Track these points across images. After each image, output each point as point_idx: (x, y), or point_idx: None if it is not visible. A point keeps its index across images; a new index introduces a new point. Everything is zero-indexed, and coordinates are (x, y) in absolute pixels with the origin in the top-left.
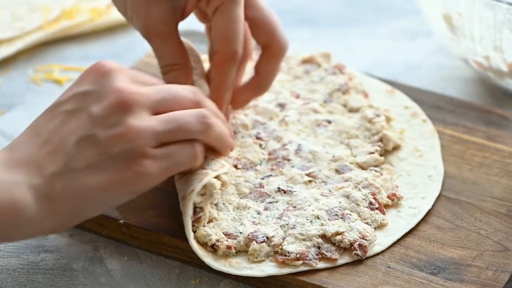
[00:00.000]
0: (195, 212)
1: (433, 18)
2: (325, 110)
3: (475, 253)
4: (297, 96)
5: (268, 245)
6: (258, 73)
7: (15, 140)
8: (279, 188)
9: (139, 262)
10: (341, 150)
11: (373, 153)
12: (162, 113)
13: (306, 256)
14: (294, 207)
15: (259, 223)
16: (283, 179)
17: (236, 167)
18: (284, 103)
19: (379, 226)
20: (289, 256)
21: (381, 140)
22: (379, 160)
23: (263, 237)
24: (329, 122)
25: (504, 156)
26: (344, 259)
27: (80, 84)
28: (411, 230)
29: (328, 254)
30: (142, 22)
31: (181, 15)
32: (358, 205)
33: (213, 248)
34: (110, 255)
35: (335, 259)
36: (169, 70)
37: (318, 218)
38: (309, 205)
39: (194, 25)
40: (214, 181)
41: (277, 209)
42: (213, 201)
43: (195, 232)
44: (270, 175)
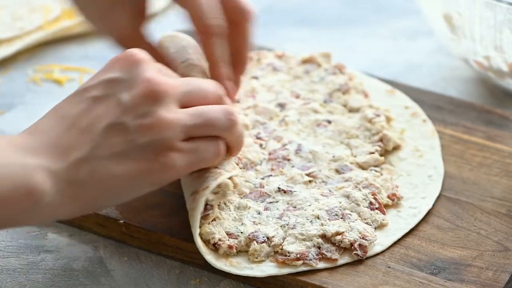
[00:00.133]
0: (205, 209)
1: (433, 18)
2: (325, 110)
3: (475, 253)
4: (297, 96)
5: (269, 245)
6: (232, 52)
7: (38, 123)
8: (279, 188)
9: (139, 262)
10: (341, 150)
11: (373, 153)
12: (188, 105)
13: (306, 256)
14: (294, 207)
15: (259, 223)
16: (283, 179)
17: None
18: (284, 103)
19: (379, 226)
20: (289, 256)
21: (381, 140)
22: (379, 160)
23: (263, 237)
24: (329, 122)
25: (504, 156)
26: (344, 259)
27: (108, 71)
28: (411, 230)
29: (328, 254)
30: (110, 32)
31: (140, 16)
32: (358, 205)
33: (214, 247)
34: (110, 255)
35: (335, 259)
36: None
37: (318, 218)
38: (309, 205)
39: None
40: (229, 182)
41: (277, 209)
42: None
43: (200, 228)
44: (270, 175)
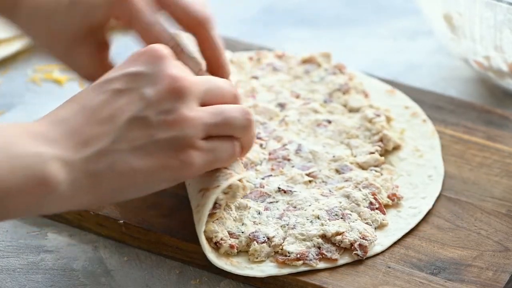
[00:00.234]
0: (213, 207)
1: (433, 18)
2: (325, 110)
3: (476, 253)
4: (297, 96)
5: (269, 246)
6: (207, 60)
7: (57, 112)
8: (279, 188)
9: (139, 262)
10: (341, 150)
11: (373, 153)
12: (207, 103)
13: (306, 256)
14: (294, 207)
15: (259, 223)
16: (283, 179)
17: None
18: (284, 103)
19: (379, 226)
20: (289, 256)
21: (381, 140)
22: (379, 160)
23: (263, 237)
24: (329, 122)
25: (505, 156)
26: (344, 259)
27: (131, 64)
28: (411, 230)
29: (329, 254)
30: (74, 69)
31: (102, 48)
32: (358, 205)
33: (216, 245)
34: (110, 255)
35: (336, 259)
36: None
37: (318, 218)
38: (309, 205)
39: None
40: (240, 184)
41: (277, 209)
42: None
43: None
44: (270, 175)
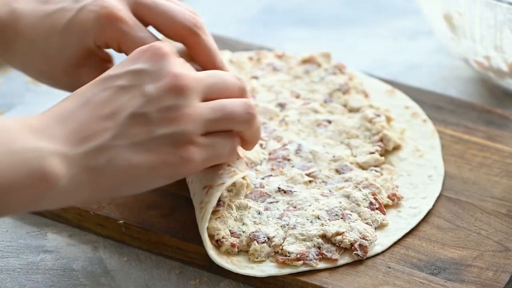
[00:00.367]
0: (217, 204)
1: (434, 18)
2: (325, 110)
3: (476, 253)
4: (297, 96)
5: (269, 246)
6: (203, 67)
7: (59, 106)
8: (279, 188)
9: (139, 262)
10: (341, 150)
11: (373, 153)
12: (211, 98)
13: (307, 256)
14: (295, 207)
15: (259, 223)
16: (283, 179)
17: None
18: (284, 103)
19: (380, 226)
20: (289, 256)
21: (381, 140)
22: (379, 160)
23: (264, 237)
24: (329, 122)
25: (505, 156)
26: (344, 259)
27: (135, 61)
28: (412, 230)
29: (329, 254)
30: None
31: (105, 66)
32: (358, 205)
33: (217, 243)
34: (109, 256)
35: (336, 259)
36: None
37: (319, 218)
38: (310, 205)
39: None
40: (244, 182)
41: (277, 209)
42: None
43: None
44: (271, 175)
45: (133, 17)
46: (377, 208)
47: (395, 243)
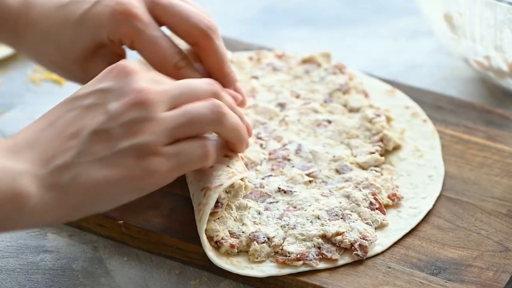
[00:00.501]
0: (215, 206)
1: (434, 17)
2: (325, 110)
3: (476, 254)
4: (297, 96)
5: (269, 246)
6: (211, 71)
7: (25, 129)
8: (279, 188)
9: (139, 262)
10: (341, 150)
11: (373, 153)
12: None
13: (307, 256)
14: (295, 207)
15: (259, 223)
16: (284, 179)
17: None
18: (284, 103)
19: (380, 226)
20: (289, 256)
21: (381, 140)
22: (379, 160)
23: (264, 237)
24: (329, 122)
25: (505, 156)
26: (344, 259)
27: (100, 81)
28: (412, 230)
29: (329, 255)
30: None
31: (118, 58)
32: (358, 205)
33: (216, 244)
34: (109, 256)
35: (336, 260)
36: None
37: (319, 218)
38: (310, 205)
39: None
40: (243, 184)
41: (277, 209)
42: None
43: None
44: (271, 175)
45: (149, 15)
46: (377, 208)
47: (395, 243)
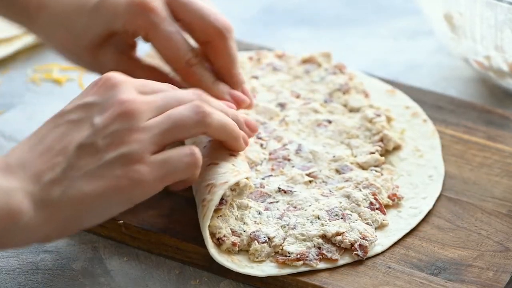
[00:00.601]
0: (220, 203)
1: (434, 17)
2: (325, 110)
3: (476, 254)
4: (298, 96)
5: (269, 246)
6: (220, 71)
7: (16, 147)
8: (279, 188)
9: (139, 262)
10: (342, 150)
11: (373, 153)
12: None
13: (307, 256)
14: (295, 207)
15: (260, 223)
16: (284, 179)
17: None
18: (284, 103)
19: (380, 226)
20: (289, 256)
21: (381, 140)
22: (379, 160)
23: (264, 237)
24: (330, 122)
25: (505, 156)
26: (344, 259)
27: (85, 95)
28: (412, 230)
29: (329, 255)
30: (103, 73)
31: (130, 48)
32: (358, 205)
33: (218, 241)
34: (109, 256)
35: (336, 260)
36: None
37: (319, 218)
38: (310, 205)
39: None
40: (248, 183)
41: (277, 209)
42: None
43: None
44: (271, 175)
45: (166, 9)
46: (377, 208)
47: (395, 243)
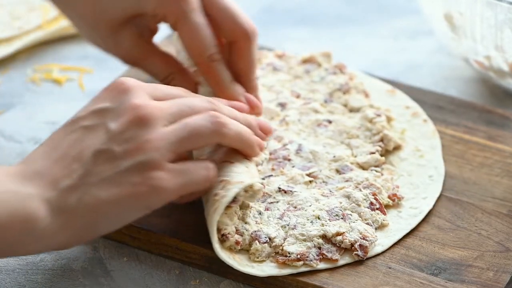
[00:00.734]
0: (232, 201)
1: (434, 17)
2: (325, 110)
3: (476, 254)
4: (298, 96)
5: (270, 246)
6: (237, 75)
7: (31, 154)
8: (279, 188)
9: (139, 262)
10: (342, 150)
11: (373, 153)
12: None
13: (307, 256)
14: (295, 207)
15: (260, 223)
16: (284, 179)
17: None
18: (284, 103)
19: (380, 227)
20: (289, 256)
21: (381, 140)
22: (379, 160)
23: (265, 237)
24: (330, 122)
25: (505, 156)
26: (344, 259)
27: (99, 101)
28: (412, 230)
29: (329, 255)
30: (116, 54)
31: (150, 33)
32: (358, 205)
33: (222, 238)
34: (109, 256)
35: (336, 260)
36: (167, 83)
37: (319, 219)
38: (310, 205)
39: None
40: (261, 186)
41: (278, 209)
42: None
43: None
44: (271, 175)
45: (198, 1)
46: (377, 208)
47: (396, 244)
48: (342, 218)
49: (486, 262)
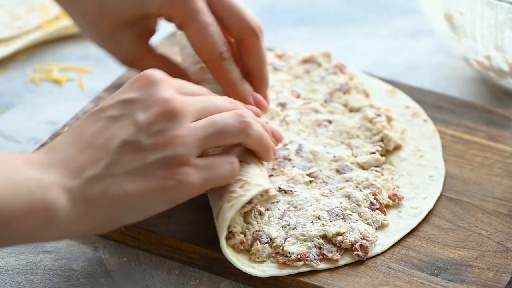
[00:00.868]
0: (249, 202)
1: (434, 17)
2: (325, 110)
3: (476, 254)
4: (298, 96)
5: (271, 246)
6: (247, 72)
7: (55, 141)
8: (280, 188)
9: (139, 262)
10: (342, 150)
11: (374, 153)
12: None
13: (307, 256)
14: (295, 207)
15: (261, 223)
16: (284, 179)
17: None
18: (284, 103)
19: (380, 227)
20: (290, 257)
21: (382, 140)
22: (380, 160)
23: (266, 238)
24: (330, 122)
25: (506, 156)
26: (345, 259)
27: (125, 91)
28: (412, 230)
29: (329, 255)
30: (115, 53)
31: (148, 34)
32: (359, 205)
33: (228, 235)
34: (109, 256)
35: (336, 260)
36: None
37: (319, 219)
38: (310, 205)
39: None
40: (277, 194)
41: (278, 209)
42: None
43: None
44: (271, 175)
45: (204, 0)
46: (377, 209)
47: (396, 244)
48: (342, 218)
49: (486, 262)
